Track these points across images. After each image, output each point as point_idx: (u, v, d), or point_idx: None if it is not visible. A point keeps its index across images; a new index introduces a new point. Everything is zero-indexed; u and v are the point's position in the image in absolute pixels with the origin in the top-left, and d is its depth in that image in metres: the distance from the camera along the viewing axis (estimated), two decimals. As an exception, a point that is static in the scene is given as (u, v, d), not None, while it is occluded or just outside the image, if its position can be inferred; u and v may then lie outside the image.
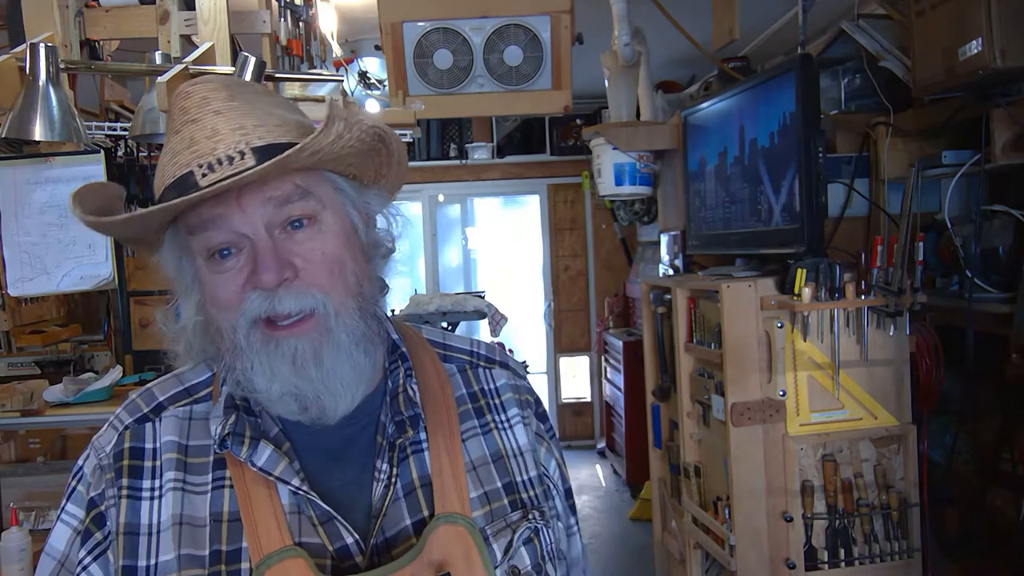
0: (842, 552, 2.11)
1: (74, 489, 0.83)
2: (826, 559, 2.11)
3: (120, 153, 2.54)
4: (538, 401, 0.99)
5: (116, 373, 2.61)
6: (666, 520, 2.83)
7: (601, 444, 5.67)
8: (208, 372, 0.87)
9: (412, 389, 0.86)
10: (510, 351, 4.09)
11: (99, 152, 2.21)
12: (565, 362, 6.07)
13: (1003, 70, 1.88)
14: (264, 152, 0.75)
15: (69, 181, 2.19)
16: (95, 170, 2.19)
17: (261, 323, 0.77)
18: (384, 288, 0.88)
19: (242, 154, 0.75)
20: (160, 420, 0.83)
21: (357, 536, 0.78)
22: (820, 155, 2.10)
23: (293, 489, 0.78)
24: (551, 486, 0.94)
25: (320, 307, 0.77)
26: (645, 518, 4.10)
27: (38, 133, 1.74)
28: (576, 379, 6.07)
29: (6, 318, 3.22)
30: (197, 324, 0.83)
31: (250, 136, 0.76)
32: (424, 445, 0.84)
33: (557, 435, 1.00)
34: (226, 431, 0.79)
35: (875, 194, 2.54)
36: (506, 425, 0.92)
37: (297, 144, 0.73)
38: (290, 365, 0.76)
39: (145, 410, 0.85)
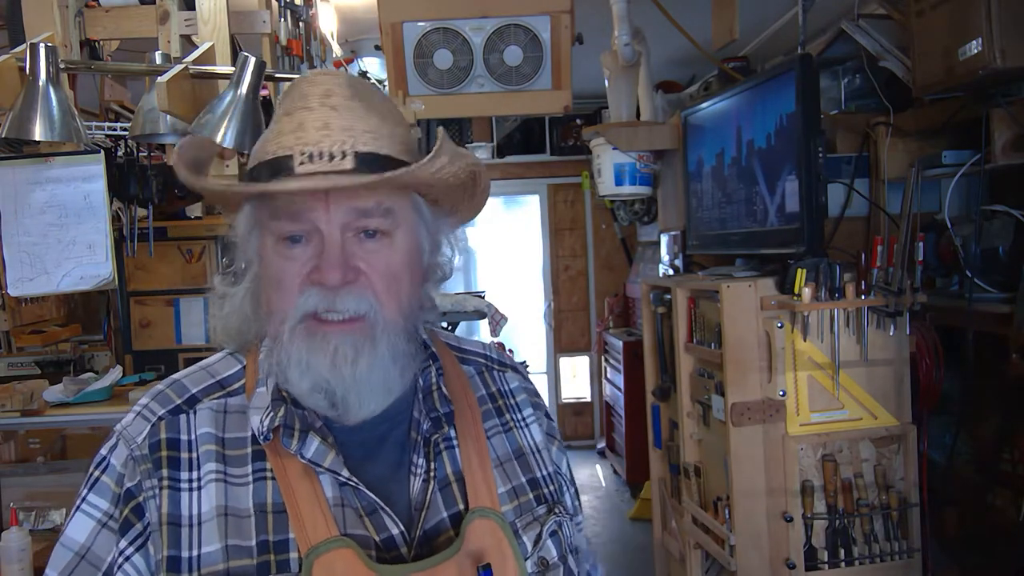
0: (842, 552, 2.11)
1: (98, 479, 0.80)
2: (826, 559, 2.11)
3: (120, 153, 2.53)
4: (544, 403, 1.03)
5: (116, 373, 2.61)
6: (666, 520, 2.83)
7: (601, 444, 5.67)
8: (238, 364, 0.87)
9: (445, 388, 0.88)
10: (510, 351, 4.08)
11: (99, 152, 2.20)
12: (565, 362, 6.06)
13: (1003, 70, 1.88)
14: (365, 160, 0.77)
15: (69, 181, 2.18)
16: (95, 170, 2.18)
17: (310, 317, 0.78)
18: (432, 308, 0.90)
19: (344, 154, 0.76)
20: (195, 412, 0.83)
21: (402, 527, 0.80)
22: (820, 155, 2.10)
23: (343, 480, 0.79)
24: (563, 483, 0.98)
25: (371, 313, 0.79)
26: (645, 518, 4.09)
27: (38, 133, 1.74)
28: (576, 379, 6.07)
29: (6, 318, 3.22)
30: (248, 292, 0.85)
31: (356, 140, 0.77)
32: (455, 442, 0.87)
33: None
34: (276, 423, 0.79)
35: (875, 194, 2.54)
36: (523, 424, 0.95)
37: (401, 166, 0.77)
38: (329, 360, 0.77)
39: (178, 401, 0.83)
